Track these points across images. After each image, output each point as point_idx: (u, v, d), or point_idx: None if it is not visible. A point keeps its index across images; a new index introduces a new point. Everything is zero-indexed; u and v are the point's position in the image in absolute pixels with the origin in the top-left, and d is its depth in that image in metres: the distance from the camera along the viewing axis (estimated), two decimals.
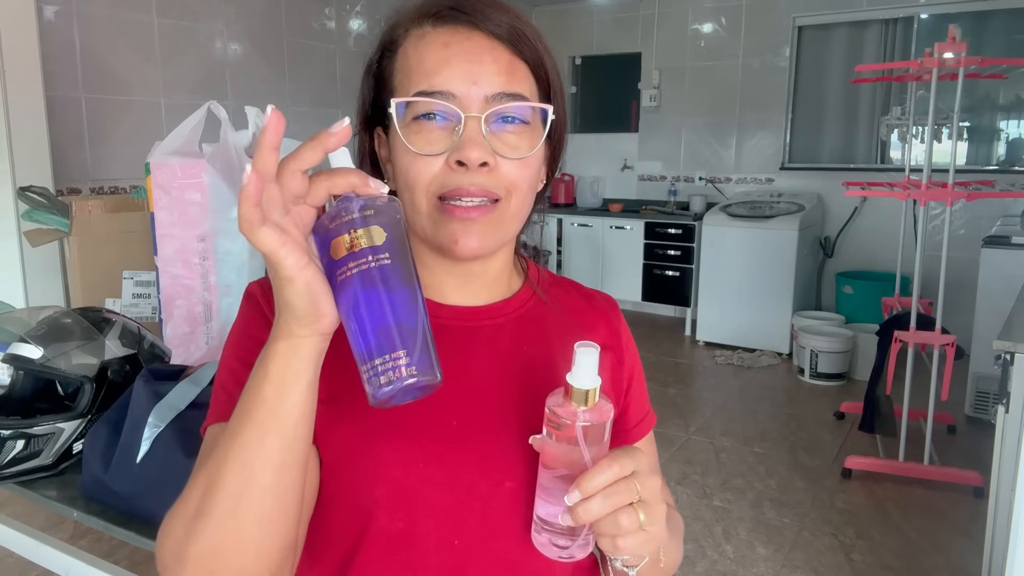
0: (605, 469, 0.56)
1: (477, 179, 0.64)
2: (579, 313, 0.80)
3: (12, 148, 2.94)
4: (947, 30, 2.89)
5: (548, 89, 0.69)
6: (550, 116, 0.66)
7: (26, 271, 2.95)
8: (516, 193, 0.66)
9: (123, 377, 1.25)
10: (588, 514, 0.55)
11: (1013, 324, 2.03)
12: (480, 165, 0.63)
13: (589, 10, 6.05)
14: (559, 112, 0.69)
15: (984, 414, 3.51)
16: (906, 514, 2.80)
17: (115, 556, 2.30)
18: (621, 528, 0.56)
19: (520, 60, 0.66)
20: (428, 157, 0.64)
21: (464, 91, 0.63)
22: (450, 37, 0.64)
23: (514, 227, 0.70)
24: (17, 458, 1.18)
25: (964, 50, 2.82)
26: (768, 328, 4.78)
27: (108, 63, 3.41)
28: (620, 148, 6.06)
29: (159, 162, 1.37)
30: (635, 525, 0.56)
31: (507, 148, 0.65)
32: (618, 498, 0.56)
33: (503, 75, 0.64)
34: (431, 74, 0.64)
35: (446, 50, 0.64)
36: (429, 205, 0.66)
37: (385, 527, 0.64)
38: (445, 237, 0.66)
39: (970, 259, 3.91)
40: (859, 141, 5.11)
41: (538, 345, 0.74)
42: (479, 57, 0.63)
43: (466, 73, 0.63)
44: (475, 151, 0.62)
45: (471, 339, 0.72)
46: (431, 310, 0.71)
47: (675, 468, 3.18)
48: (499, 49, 0.64)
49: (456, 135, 0.63)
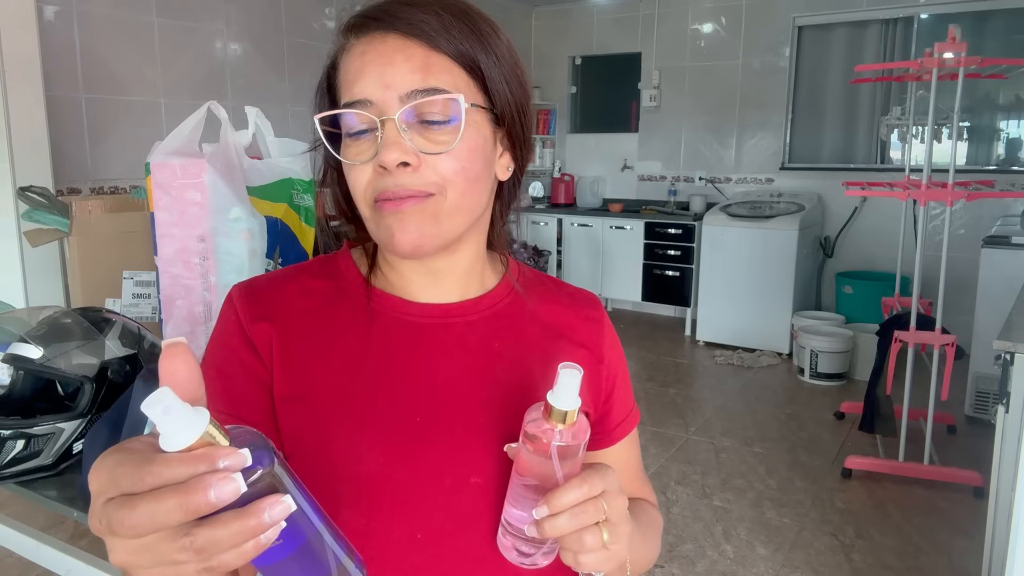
0: (575, 488, 0.58)
1: (401, 179, 0.64)
2: (559, 311, 0.79)
3: (12, 148, 2.94)
4: (947, 30, 2.89)
5: (483, 76, 0.67)
6: (463, 105, 0.64)
7: (26, 271, 2.95)
8: (452, 187, 0.66)
9: (123, 377, 1.25)
10: (554, 530, 0.58)
11: (1013, 324, 2.03)
12: (400, 165, 0.64)
13: (589, 10, 6.05)
14: (503, 96, 0.68)
15: (984, 414, 3.51)
16: (906, 514, 2.80)
17: None
18: (584, 546, 0.59)
19: (438, 53, 0.64)
20: (359, 166, 0.66)
21: (380, 96, 0.63)
22: (367, 45, 0.65)
23: (459, 220, 0.68)
24: (17, 458, 1.18)
25: (964, 50, 2.82)
26: (768, 328, 4.78)
27: (108, 63, 3.40)
28: (620, 148, 6.06)
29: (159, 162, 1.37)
30: (598, 544, 0.59)
31: (431, 144, 0.64)
32: (585, 517, 0.58)
33: (417, 72, 0.63)
34: (351, 84, 0.65)
35: (362, 58, 0.64)
36: (369, 210, 0.67)
37: (348, 522, 0.65)
38: (384, 235, 0.67)
39: (970, 259, 3.91)
40: (859, 141, 5.11)
41: (510, 342, 0.75)
42: (391, 59, 0.63)
43: (379, 77, 0.63)
44: (392, 153, 0.63)
45: (440, 336, 0.73)
46: (400, 308, 0.73)
47: (675, 468, 3.18)
48: (412, 47, 0.64)
49: (379, 139, 0.64)
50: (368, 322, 0.72)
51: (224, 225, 1.39)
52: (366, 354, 0.70)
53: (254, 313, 0.71)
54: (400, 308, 0.73)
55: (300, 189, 1.58)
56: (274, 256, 1.51)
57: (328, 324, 0.72)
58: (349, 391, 0.69)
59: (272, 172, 1.54)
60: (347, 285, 0.74)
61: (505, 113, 0.69)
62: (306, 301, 0.72)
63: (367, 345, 0.71)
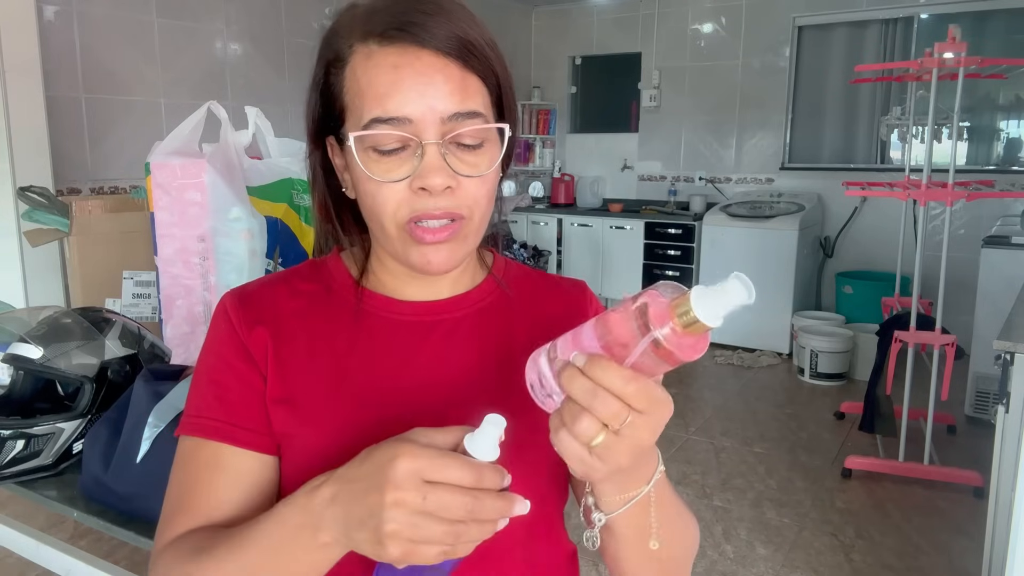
0: (622, 378, 0.50)
1: (441, 202, 0.64)
2: (544, 301, 0.80)
3: (12, 148, 2.94)
4: (947, 30, 2.89)
5: (500, 93, 0.69)
6: (507, 134, 0.67)
7: (26, 271, 2.95)
8: (478, 208, 0.67)
9: (123, 377, 1.25)
10: (570, 384, 0.52)
11: (1013, 324, 2.03)
12: (443, 189, 0.64)
13: (589, 10, 6.05)
14: (510, 109, 0.70)
15: (984, 414, 3.51)
16: (906, 514, 2.80)
17: (115, 556, 2.30)
18: (576, 427, 0.52)
19: (471, 73, 0.65)
20: (390, 184, 0.65)
21: (419, 115, 0.63)
22: (398, 58, 0.63)
23: (479, 236, 0.71)
24: (17, 458, 1.18)
25: (964, 50, 2.82)
26: (768, 328, 4.78)
27: (108, 63, 3.40)
28: (620, 148, 6.06)
29: (159, 162, 1.37)
30: (586, 435, 0.52)
31: (467, 167, 0.65)
32: (602, 407, 0.51)
33: (456, 94, 0.63)
34: (384, 98, 0.63)
35: (396, 72, 0.63)
36: (398, 230, 0.66)
37: None
38: (416, 260, 0.67)
39: (970, 259, 3.91)
40: (859, 141, 5.11)
41: (497, 337, 0.75)
42: (431, 78, 0.63)
43: (419, 96, 0.62)
44: (438, 177, 0.63)
45: (427, 334, 0.73)
46: (388, 307, 0.73)
47: (675, 468, 3.17)
48: (450, 67, 0.63)
49: (416, 159, 0.63)
50: (355, 323, 0.72)
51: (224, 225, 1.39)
52: (351, 354, 0.71)
53: (248, 319, 0.71)
54: (388, 307, 0.74)
55: (300, 189, 1.58)
56: (274, 256, 1.51)
57: (315, 326, 0.72)
58: (335, 392, 0.69)
59: (272, 172, 1.54)
60: (337, 287, 0.75)
61: (511, 123, 0.70)
62: (295, 304, 0.73)
63: (353, 345, 0.71)
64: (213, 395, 0.70)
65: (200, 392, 0.71)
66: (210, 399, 0.70)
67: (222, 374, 0.70)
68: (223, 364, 0.70)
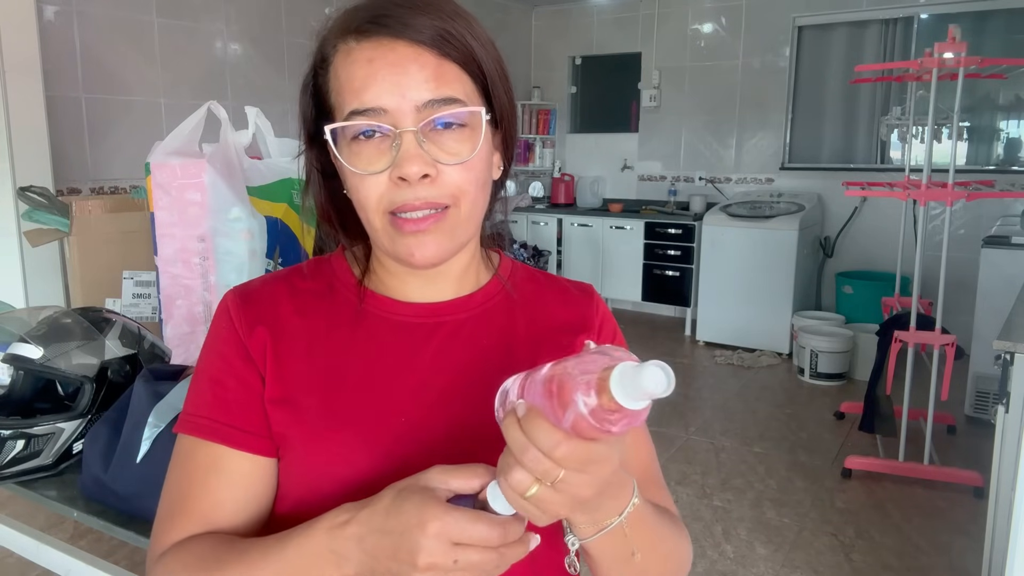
0: (553, 444, 0.49)
1: (421, 192, 0.64)
2: (550, 305, 0.79)
3: (12, 148, 2.94)
4: (947, 30, 2.89)
5: (485, 80, 0.68)
6: (484, 117, 0.65)
7: (26, 271, 2.95)
8: (464, 197, 0.66)
9: (123, 377, 1.25)
10: (506, 434, 0.52)
11: (1013, 324, 2.03)
12: (421, 177, 0.63)
13: (589, 10, 6.05)
14: (500, 99, 0.69)
15: (984, 414, 3.51)
16: (906, 514, 2.80)
17: (115, 556, 2.30)
18: (509, 477, 0.52)
19: (448, 61, 0.64)
20: (372, 176, 0.65)
21: (395, 104, 0.63)
22: (373, 51, 0.64)
23: (470, 228, 0.70)
24: (17, 458, 1.18)
25: (964, 50, 2.82)
26: (768, 328, 4.78)
27: (108, 63, 3.40)
28: (620, 148, 6.06)
29: (159, 162, 1.37)
30: (519, 487, 0.51)
31: (447, 155, 0.64)
32: (532, 464, 0.50)
33: (431, 81, 0.63)
34: (360, 91, 0.63)
35: (371, 65, 0.63)
36: (382, 221, 0.66)
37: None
38: (402, 251, 0.67)
39: (970, 259, 3.91)
40: (859, 141, 5.11)
41: (500, 339, 0.74)
42: (404, 68, 0.63)
43: (393, 86, 0.63)
44: (414, 165, 0.63)
45: (429, 336, 0.72)
46: (390, 308, 0.73)
47: (675, 468, 3.18)
48: (424, 55, 0.63)
49: (394, 150, 0.63)
50: (355, 323, 0.72)
51: (224, 225, 1.39)
52: (350, 355, 0.70)
53: (249, 318, 0.71)
54: (390, 308, 0.73)
55: (300, 189, 1.58)
56: (274, 256, 1.51)
57: (315, 326, 0.72)
58: (333, 392, 0.69)
59: (272, 172, 1.54)
60: (339, 286, 0.75)
61: (503, 115, 0.69)
62: (296, 303, 0.73)
63: (351, 346, 0.71)
64: (213, 394, 0.69)
65: (200, 390, 0.71)
66: (210, 398, 0.69)
67: (222, 373, 0.70)
68: (224, 363, 0.70)
